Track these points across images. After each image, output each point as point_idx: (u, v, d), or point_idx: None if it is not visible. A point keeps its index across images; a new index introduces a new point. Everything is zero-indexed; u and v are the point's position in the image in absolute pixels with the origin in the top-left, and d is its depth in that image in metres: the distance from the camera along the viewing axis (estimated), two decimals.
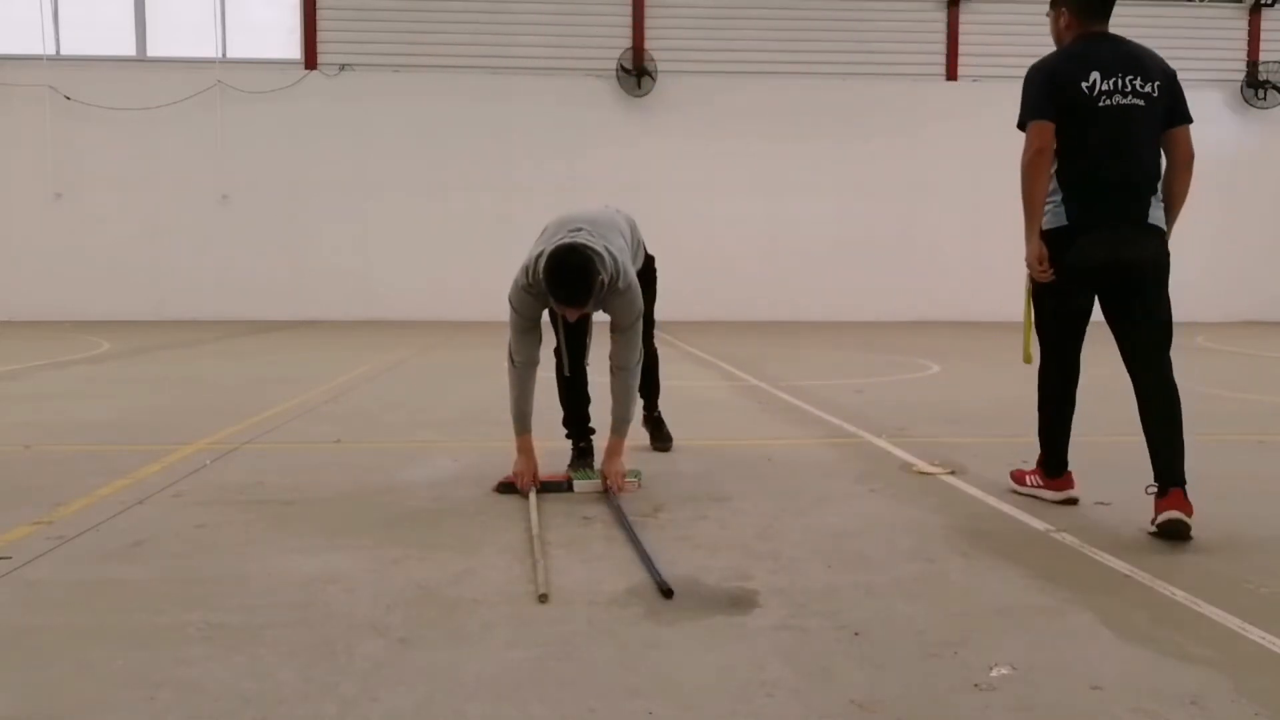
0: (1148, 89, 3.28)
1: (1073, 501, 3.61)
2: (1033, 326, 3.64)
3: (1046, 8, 3.55)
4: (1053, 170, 3.35)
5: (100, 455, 4.63)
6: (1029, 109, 3.35)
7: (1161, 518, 3.10)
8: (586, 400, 4.30)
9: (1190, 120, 3.37)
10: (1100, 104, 3.27)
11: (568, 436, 4.33)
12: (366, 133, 17.91)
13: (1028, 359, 3.69)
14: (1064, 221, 3.35)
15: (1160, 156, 3.37)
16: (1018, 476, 3.83)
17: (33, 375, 8.43)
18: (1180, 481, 3.14)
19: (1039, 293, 3.53)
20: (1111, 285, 3.35)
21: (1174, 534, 3.09)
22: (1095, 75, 3.27)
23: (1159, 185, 3.36)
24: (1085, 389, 3.63)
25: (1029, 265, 3.43)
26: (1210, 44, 18.83)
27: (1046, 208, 3.38)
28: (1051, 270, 3.37)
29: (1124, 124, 3.27)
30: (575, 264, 3.42)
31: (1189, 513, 3.09)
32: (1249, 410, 6.41)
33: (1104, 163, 3.28)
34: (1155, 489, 3.17)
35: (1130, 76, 3.27)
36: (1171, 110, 3.34)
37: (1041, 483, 3.70)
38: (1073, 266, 3.34)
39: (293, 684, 2.01)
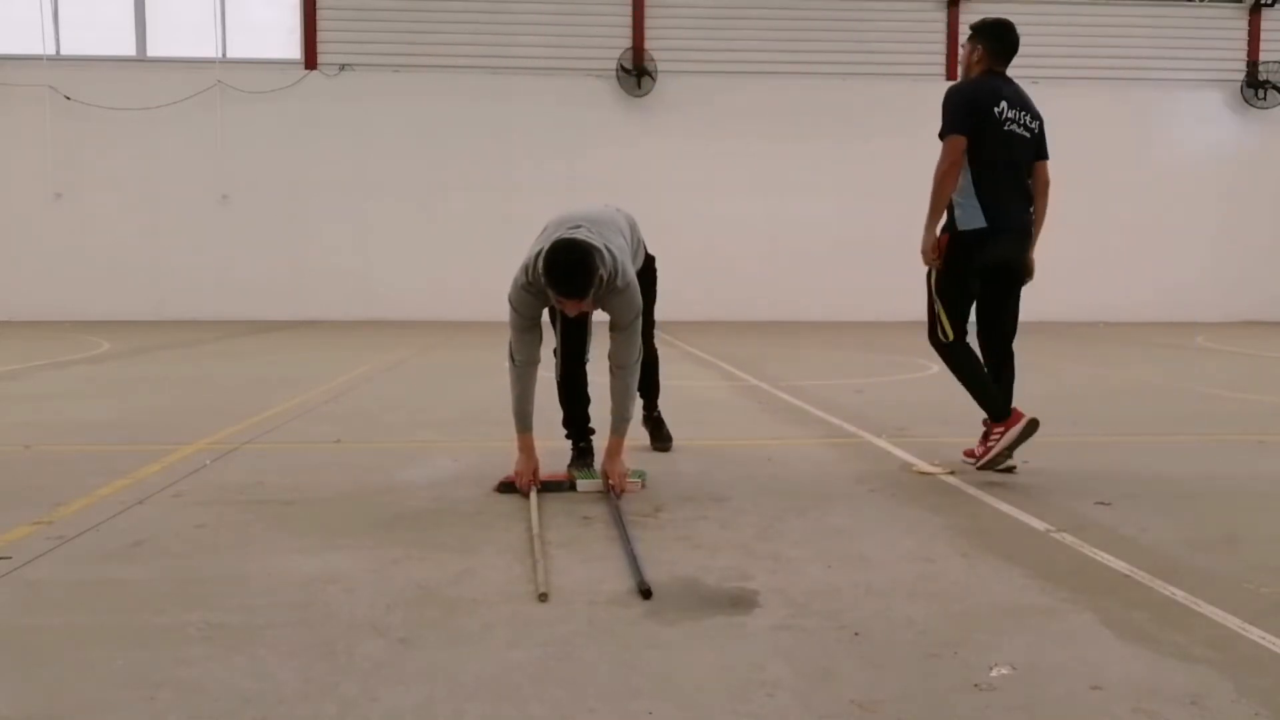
0: (1034, 125, 4.14)
1: (1033, 426, 3.94)
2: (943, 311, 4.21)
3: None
4: (969, 176, 4.02)
5: (100, 455, 4.63)
6: (949, 124, 4.02)
7: (1025, 421, 3.94)
8: (586, 400, 4.30)
9: (1048, 157, 4.23)
10: (1005, 127, 4.03)
11: (567, 437, 4.33)
12: (366, 133, 17.92)
13: (947, 336, 4.21)
14: (982, 224, 4.02)
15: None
16: (976, 452, 4.11)
17: (33, 375, 8.43)
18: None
19: (948, 283, 4.13)
20: (1001, 279, 4.15)
21: (1032, 429, 3.95)
22: (1004, 103, 4.04)
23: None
24: (1084, 389, 3.63)
25: (923, 254, 4.13)
26: (1210, 44, 18.83)
27: (964, 210, 4.03)
28: (959, 260, 4.06)
29: (1019, 148, 4.09)
30: (575, 257, 3.43)
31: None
32: (1249, 410, 6.41)
33: (1007, 175, 4.05)
34: (986, 419, 4.09)
35: (1022, 112, 4.09)
36: (1039, 146, 4.18)
37: (999, 431, 3.97)
38: (985, 260, 4.07)
39: (293, 684, 2.01)
